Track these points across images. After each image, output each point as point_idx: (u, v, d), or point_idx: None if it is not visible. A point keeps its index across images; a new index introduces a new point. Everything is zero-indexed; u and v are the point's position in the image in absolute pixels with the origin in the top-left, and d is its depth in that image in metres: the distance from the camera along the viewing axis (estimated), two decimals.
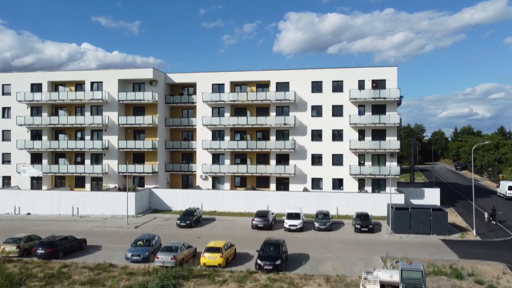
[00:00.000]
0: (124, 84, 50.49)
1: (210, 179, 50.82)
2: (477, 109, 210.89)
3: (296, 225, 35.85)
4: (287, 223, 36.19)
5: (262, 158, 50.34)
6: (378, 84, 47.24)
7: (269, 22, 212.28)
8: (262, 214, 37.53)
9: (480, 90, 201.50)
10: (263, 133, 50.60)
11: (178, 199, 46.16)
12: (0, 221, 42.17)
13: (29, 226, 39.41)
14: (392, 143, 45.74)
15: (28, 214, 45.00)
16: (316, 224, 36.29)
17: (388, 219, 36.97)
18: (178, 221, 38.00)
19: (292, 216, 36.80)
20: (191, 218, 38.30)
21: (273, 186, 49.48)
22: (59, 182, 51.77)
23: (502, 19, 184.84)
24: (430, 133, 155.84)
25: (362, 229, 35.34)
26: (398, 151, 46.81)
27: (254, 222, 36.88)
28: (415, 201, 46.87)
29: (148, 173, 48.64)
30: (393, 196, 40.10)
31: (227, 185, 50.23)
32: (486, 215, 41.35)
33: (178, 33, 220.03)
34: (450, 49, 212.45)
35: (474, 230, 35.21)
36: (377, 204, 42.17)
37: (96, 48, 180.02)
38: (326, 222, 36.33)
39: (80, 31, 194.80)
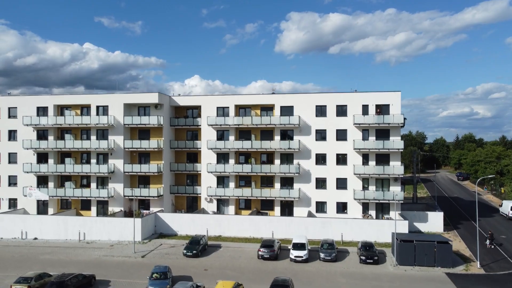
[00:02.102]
0: (129, 107, 50.88)
1: (215, 202, 51.21)
2: (478, 108, 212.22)
3: (302, 256, 36.17)
4: (293, 254, 36.54)
5: (267, 180, 50.70)
6: (382, 109, 47.61)
7: (271, 22, 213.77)
8: (268, 244, 37.81)
9: (481, 90, 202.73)
10: (268, 156, 50.96)
11: (183, 224, 46.48)
12: (7, 247, 42.60)
13: (36, 254, 39.77)
14: (396, 168, 46.12)
15: (35, 239, 45.35)
16: (322, 255, 36.60)
17: (393, 249, 37.25)
18: (185, 251, 38.30)
19: (298, 246, 37.13)
20: (197, 247, 38.59)
21: (277, 209, 49.87)
22: (65, 204, 52.20)
23: (503, 19, 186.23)
24: (430, 133, 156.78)
25: (368, 260, 35.64)
26: (402, 176, 47.21)
27: (260, 252, 37.19)
28: (419, 225, 47.34)
29: (153, 196, 49.02)
30: (397, 223, 40.38)
31: (231, 208, 50.64)
32: (487, 243, 41.77)
33: (180, 33, 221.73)
34: (451, 49, 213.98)
35: (478, 261, 35.53)
36: (381, 230, 42.56)
37: (98, 48, 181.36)
38: (332, 252, 36.64)
39: (82, 32, 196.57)
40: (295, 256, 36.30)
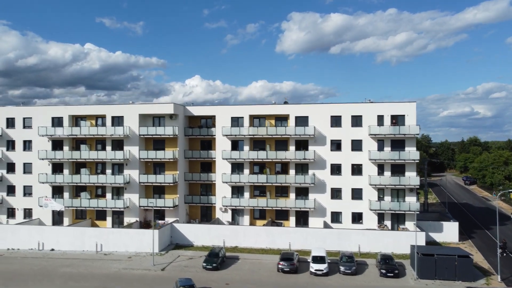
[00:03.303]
0: (144, 118, 50.94)
1: (229, 211, 51.32)
2: (478, 108, 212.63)
3: (322, 270, 36.20)
4: (313, 267, 36.58)
5: (282, 190, 50.79)
6: (398, 120, 47.70)
7: (272, 23, 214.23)
8: (288, 257, 37.90)
9: (482, 90, 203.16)
10: (282, 166, 51.05)
11: (199, 234, 46.53)
12: (25, 258, 42.70)
13: (55, 267, 39.83)
14: (411, 179, 46.21)
15: (52, 250, 45.43)
16: (342, 268, 36.67)
17: (413, 261, 37.28)
18: (204, 264, 38.35)
19: (317, 259, 37.19)
20: (217, 260, 38.65)
21: (292, 219, 49.97)
22: (80, 214, 52.35)
23: (504, 19, 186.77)
24: (431, 132, 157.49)
25: (388, 274, 35.69)
26: (418, 187, 47.32)
27: (280, 265, 37.23)
28: (434, 235, 47.45)
29: (169, 207, 49.10)
30: (414, 234, 40.38)
31: (246, 218, 50.73)
32: (499, 252, 41.87)
33: (181, 33, 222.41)
34: (452, 48, 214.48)
35: (499, 275, 35.57)
36: (398, 242, 42.65)
37: (100, 49, 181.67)
38: (352, 265, 36.70)
39: (84, 32, 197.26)
40: (315, 270, 36.34)
